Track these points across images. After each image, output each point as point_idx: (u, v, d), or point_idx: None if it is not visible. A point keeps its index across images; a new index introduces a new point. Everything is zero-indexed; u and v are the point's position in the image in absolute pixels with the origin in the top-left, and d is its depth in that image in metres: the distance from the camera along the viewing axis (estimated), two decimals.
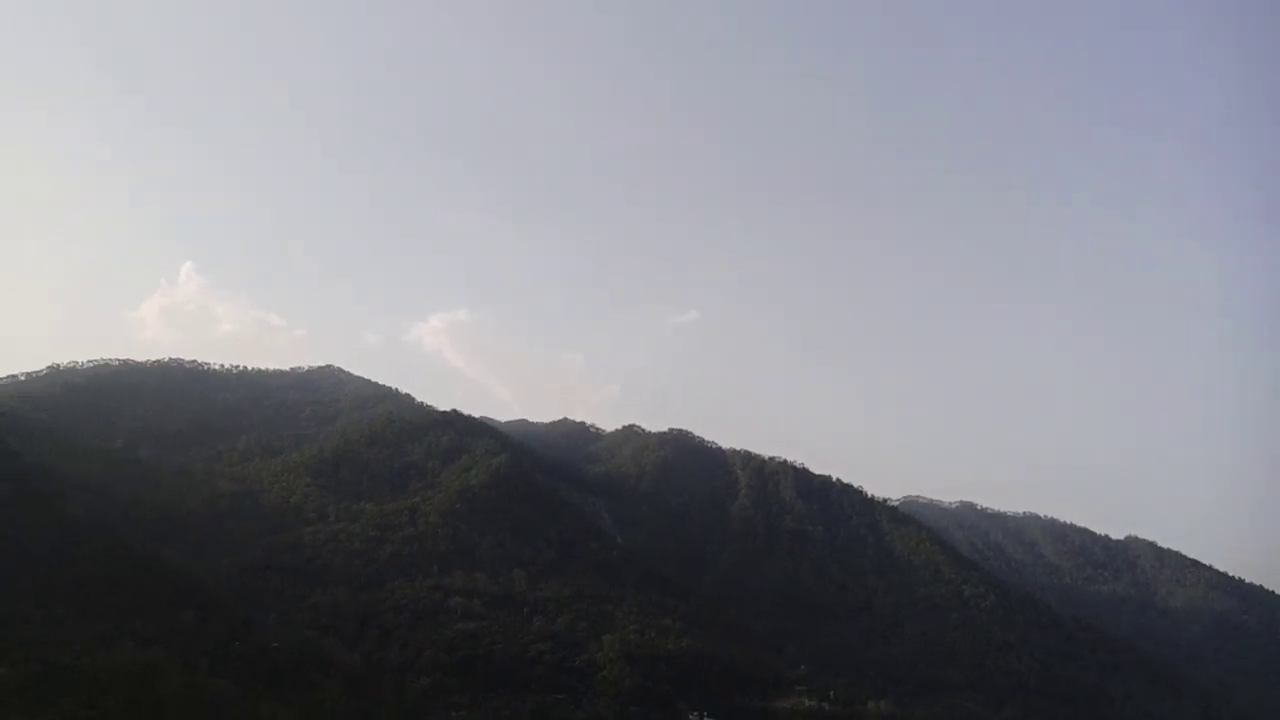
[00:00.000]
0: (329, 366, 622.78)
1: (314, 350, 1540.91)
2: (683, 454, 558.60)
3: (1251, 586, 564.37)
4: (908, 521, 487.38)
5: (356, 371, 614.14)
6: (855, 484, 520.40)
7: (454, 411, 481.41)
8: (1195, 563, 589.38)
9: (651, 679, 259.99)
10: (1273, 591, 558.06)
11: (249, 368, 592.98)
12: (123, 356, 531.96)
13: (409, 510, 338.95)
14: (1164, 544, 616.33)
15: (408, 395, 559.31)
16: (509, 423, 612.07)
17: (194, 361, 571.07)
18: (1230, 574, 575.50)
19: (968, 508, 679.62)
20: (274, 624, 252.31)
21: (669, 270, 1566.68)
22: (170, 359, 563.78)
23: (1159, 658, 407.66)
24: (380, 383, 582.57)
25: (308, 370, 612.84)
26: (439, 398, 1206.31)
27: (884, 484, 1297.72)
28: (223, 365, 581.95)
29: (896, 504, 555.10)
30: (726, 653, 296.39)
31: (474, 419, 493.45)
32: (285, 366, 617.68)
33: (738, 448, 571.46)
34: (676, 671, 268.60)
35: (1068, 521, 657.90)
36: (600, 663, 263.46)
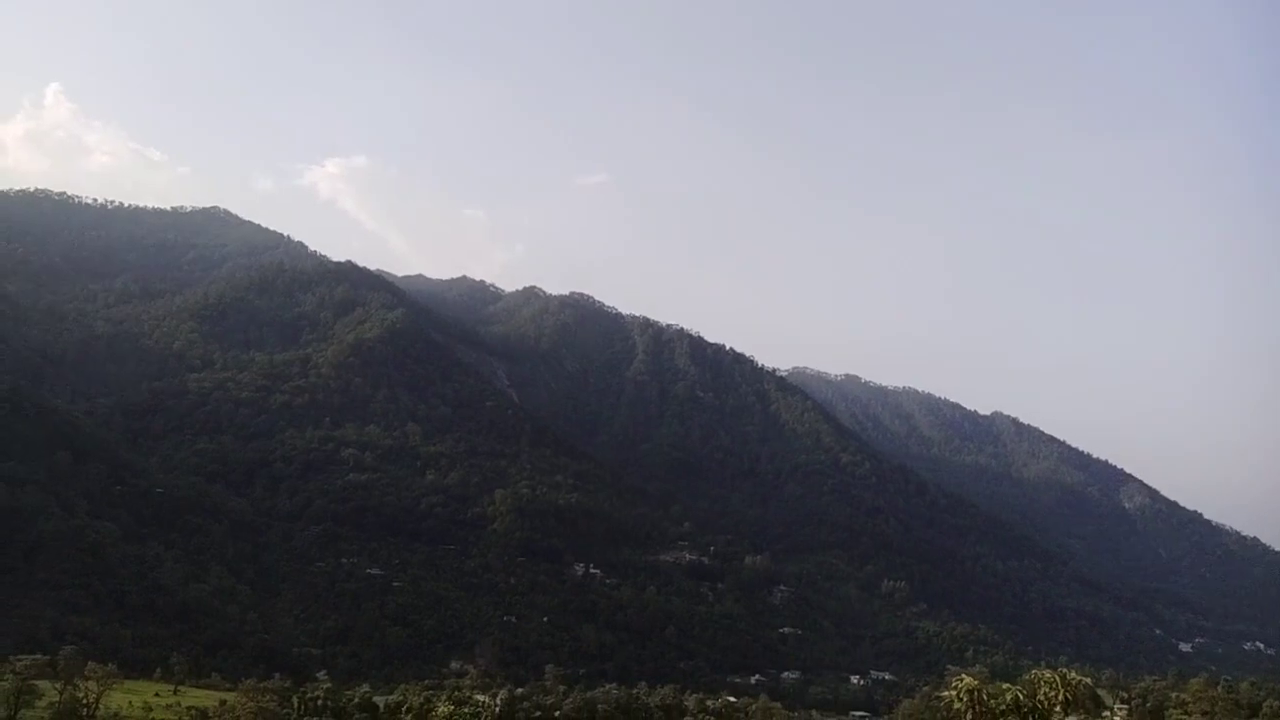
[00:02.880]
0: (215, 209, 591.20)
1: (198, 191, 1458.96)
2: (582, 318, 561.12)
3: (1098, 461, 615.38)
4: (794, 391, 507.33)
5: (245, 216, 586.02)
6: (747, 353, 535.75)
7: (349, 263, 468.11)
8: (1051, 438, 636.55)
9: (540, 532, 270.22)
10: (1117, 466, 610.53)
11: (126, 204, 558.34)
12: None
13: (300, 361, 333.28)
14: (1026, 420, 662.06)
15: (300, 243, 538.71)
16: (406, 277, 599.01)
17: (64, 193, 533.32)
18: (1080, 449, 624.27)
19: (852, 380, 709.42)
20: (157, 469, 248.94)
21: (580, 130, 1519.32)
22: (37, 189, 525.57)
23: (1008, 523, 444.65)
24: (271, 229, 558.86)
25: (191, 211, 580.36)
26: (333, 248, 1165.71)
27: (775, 354, 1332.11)
28: (96, 199, 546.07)
29: (785, 374, 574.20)
30: (614, 510, 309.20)
31: (370, 271, 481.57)
32: (166, 206, 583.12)
33: (637, 314, 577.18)
34: (565, 526, 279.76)
35: (942, 396, 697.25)
36: (491, 516, 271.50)
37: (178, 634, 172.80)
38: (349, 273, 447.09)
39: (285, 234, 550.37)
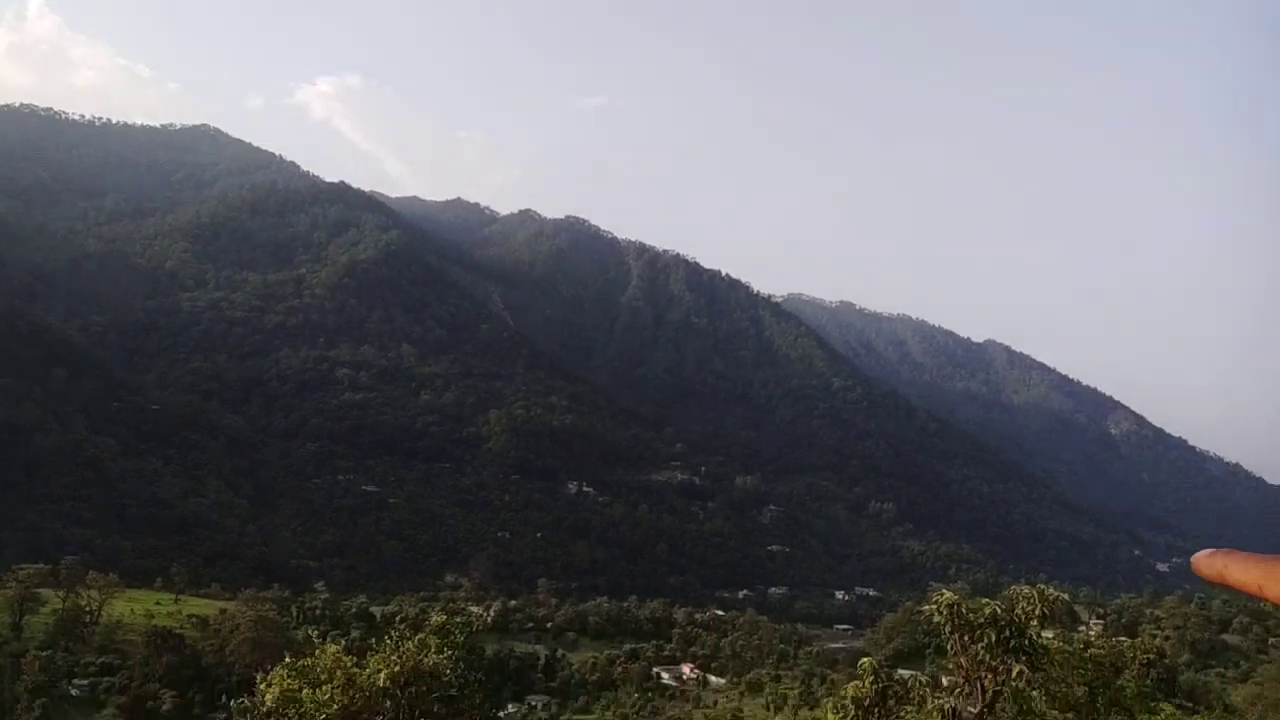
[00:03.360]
0: (205, 126, 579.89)
1: (188, 107, 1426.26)
2: (577, 242, 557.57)
3: (1087, 388, 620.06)
4: (788, 317, 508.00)
5: (235, 134, 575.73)
6: (743, 279, 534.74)
7: (343, 183, 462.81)
8: (1042, 365, 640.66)
9: (535, 452, 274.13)
10: (1105, 394, 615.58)
11: (114, 121, 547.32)
12: None
13: (294, 281, 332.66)
14: (1018, 348, 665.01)
15: (293, 163, 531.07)
16: (400, 199, 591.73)
17: (50, 109, 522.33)
18: (1070, 376, 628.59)
19: (847, 307, 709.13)
20: (153, 386, 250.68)
21: (579, 51, 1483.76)
22: (23, 104, 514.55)
23: (996, 447, 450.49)
24: (262, 148, 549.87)
25: (181, 129, 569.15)
26: (327, 168, 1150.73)
27: (771, 281, 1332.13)
28: (84, 116, 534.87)
29: (780, 300, 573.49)
30: (608, 431, 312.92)
31: (364, 193, 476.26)
32: (155, 123, 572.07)
33: (633, 238, 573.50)
34: (559, 446, 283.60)
35: (936, 324, 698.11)
36: (485, 435, 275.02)
37: (177, 545, 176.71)
38: (343, 193, 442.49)
39: (277, 153, 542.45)
